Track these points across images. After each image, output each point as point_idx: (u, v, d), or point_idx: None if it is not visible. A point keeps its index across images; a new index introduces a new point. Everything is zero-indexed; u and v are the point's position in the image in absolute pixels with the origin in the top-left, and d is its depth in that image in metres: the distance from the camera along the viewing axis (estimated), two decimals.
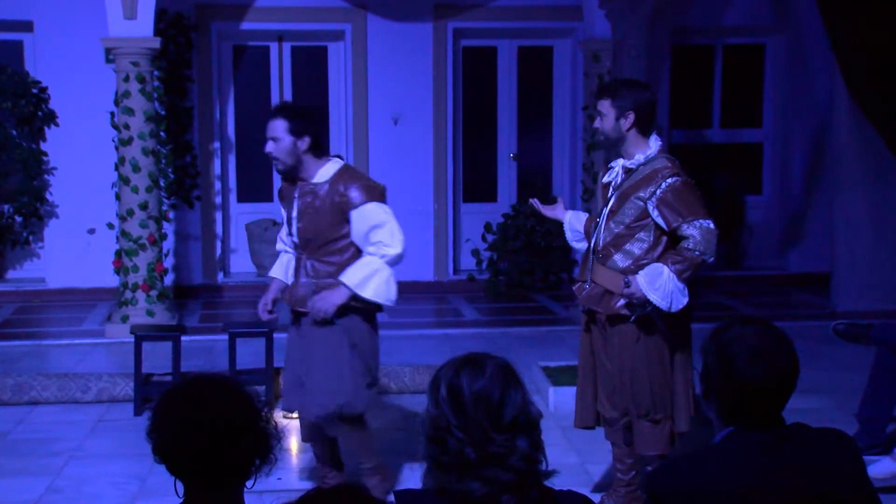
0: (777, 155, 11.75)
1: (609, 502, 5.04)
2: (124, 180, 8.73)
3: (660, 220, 4.61)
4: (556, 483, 2.36)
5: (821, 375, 7.16)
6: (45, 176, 10.62)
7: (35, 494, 5.32)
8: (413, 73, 11.05)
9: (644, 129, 4.75)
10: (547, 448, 2.29)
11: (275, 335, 7.01)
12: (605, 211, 4.80)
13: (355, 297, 4.85)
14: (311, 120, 4.91)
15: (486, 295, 10.89)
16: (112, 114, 9.32)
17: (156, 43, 8.68)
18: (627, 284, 4.59)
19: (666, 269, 4.56)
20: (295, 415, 6.55)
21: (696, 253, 4.57)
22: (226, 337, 6.97)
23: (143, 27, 8.61)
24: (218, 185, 11.11)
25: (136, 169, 8.66)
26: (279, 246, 5.21)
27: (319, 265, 4.88)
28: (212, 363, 7.79)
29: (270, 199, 11.43)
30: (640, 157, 4.71)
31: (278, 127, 4.77)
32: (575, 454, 5.88)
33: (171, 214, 10.24)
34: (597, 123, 4.84)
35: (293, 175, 4.87)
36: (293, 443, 6.21)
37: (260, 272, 11.12)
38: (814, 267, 11.11)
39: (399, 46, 11.02)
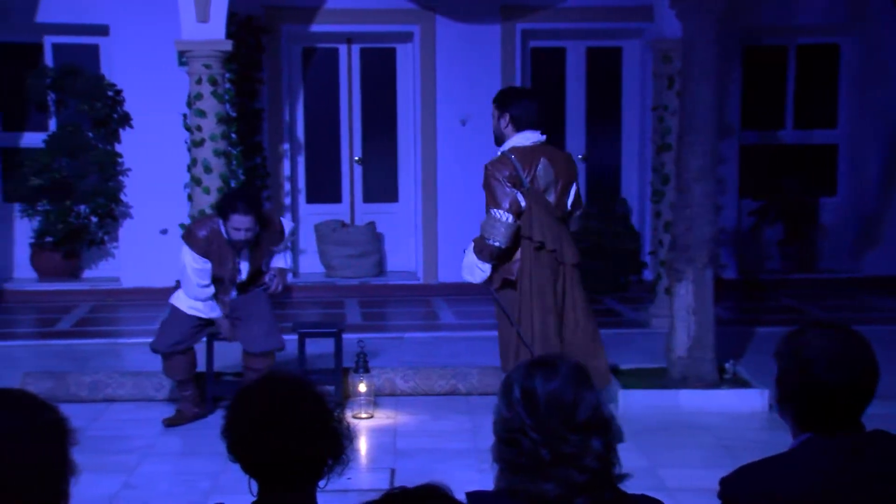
0: (852, 156, 11.55)
1: None
2: (196, 181, 8.83)
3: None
4: (627, 487, 2.35)
5: None
6: (120, 177, 10.82)
7: (111, 490, 5.43)
8: (481, 75, 11.04)
9: (516, 125, 5.76)
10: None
11: (344, 335, 7.06)
12: None
13: None
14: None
15: None
16: (184, 115, 9.45)
17: (227, 45, 8.78)
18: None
19: (470, 247, 5.69)
20: (364, 414, 6.65)
21: (485, 236, 5.60)
22: (295, 337, 7.03)
23: (215, 30, 8.72)
24: (287, 187, 11.23)
25: (207, 170, 8.77)
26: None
27: None
28: (280, 362, 7.86)
29: (339, 201, 11.53)
30: (498, 151, 5.81)
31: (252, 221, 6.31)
32: (645, 458, 5.84)
33: None
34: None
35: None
36: (363, 443, 6.25)
37: (329, 273, 11.22)
38: (889, 270, 10.90)
39: (467, 48, 11.03)
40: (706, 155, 6.85)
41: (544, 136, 5.85)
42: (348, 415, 6.59)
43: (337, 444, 2.40)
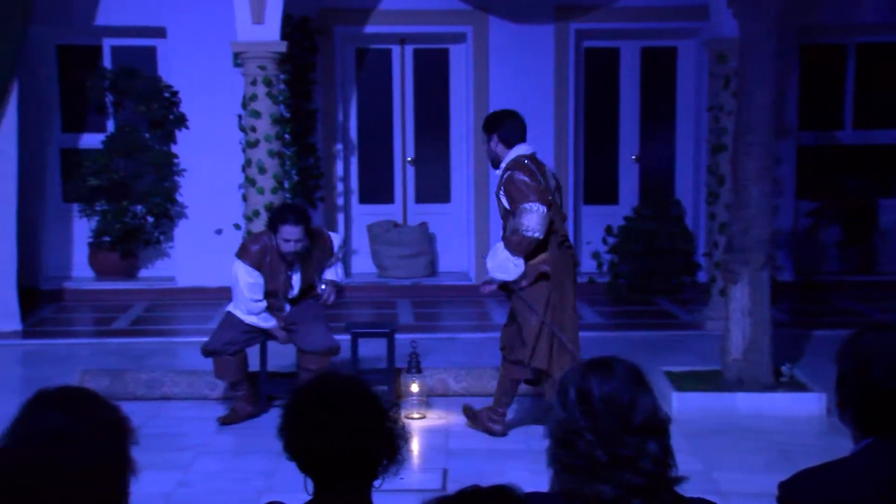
0: None
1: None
2: (250, 182, 8.91)
3: (506, 205, 5.97)
4: (682, 490, 2.32)
5: None
6: (176, 177, 10.94)
7: (167, 488, 5.49)
8: (534, 75, 11.02)
9: (508, 143, 6.13)
10: None
11: (396, 336, 7.07)
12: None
13: None
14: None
15: (606, 298, 10.80)
16: (239, 116, 9.54)
17: (282, 47, 8.85)
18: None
19: (500, 245, 5.95)
20: (416, 414, 6.66)
21: (521, 230, 5.84)
22: (348, 337, 7.05)
23: (270, 31, 8.79)
24: (340, 187, 11.29)
25: (261, 170, 8.84)
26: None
27: None
28: (333, 363, 7.90)
29: (392, 201, 11.56)
30: (502, 166, 6.11)
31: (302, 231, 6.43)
32: (700, 461, 5.78)
33: None
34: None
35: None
36: (415, 443, 6.26)
37: (381, 273, 11.26)
38: None
39: (520, 48, 11.01)
40: (763, 156, 6.78)
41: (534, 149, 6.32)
42: (403, 414, 6.61)
43: (392, 444, 2.40)
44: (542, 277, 6.01)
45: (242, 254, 6.57)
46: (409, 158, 11.53)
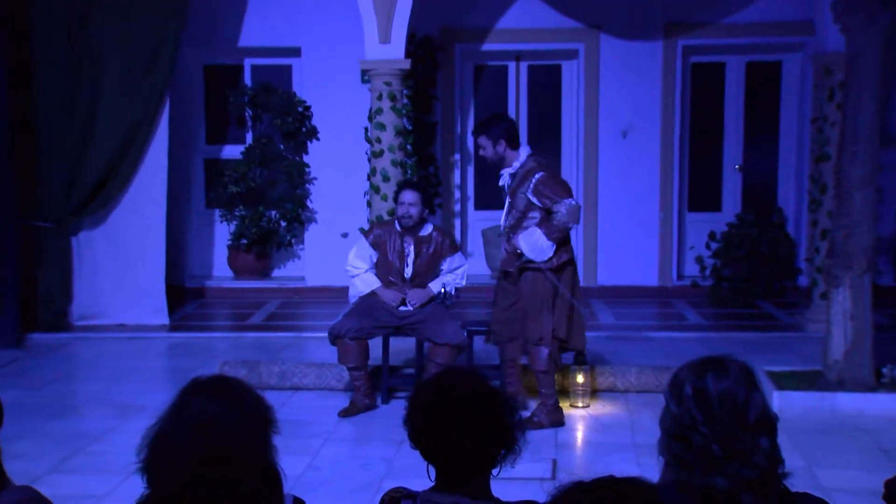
0: None
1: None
2: (375, 189, 8.99)
3: (537, 203, 6.14)
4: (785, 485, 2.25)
5: None
6: (307, 185, 11.13)
7: (298, 471, 5.57)
8: (642, 89, 10.88)
9: (512, 145, 6.28)
10: None
11: None
12: (506, 205, 6.37)
13: None
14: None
15: (709, 300, 10.58)
16: (366, 129, 9.64)
17: (406, 64, 8.91)
18: (510, 240, 6.27)
19: (538, 231, 6.14)
20: (580, 403, 6.71)
21: (562, 222, 6.11)
22: (464, 334, 7.05)
23: (395, 50, 8.86)
24: (457, 194, 11.31)
25: (385, 179, 8.91)
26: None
27: None
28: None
29: (503, 208, 11.53)
30: (516, 165, 6.28)
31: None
32: (800, 457, 5.61)
33: None
34: (481, 153, 6.39)
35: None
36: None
37: (494, 275, 11.23)
38: None
39: (630, 64, 10.88)
40: (867, 164, 6.55)
41: None
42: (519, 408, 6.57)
43: (510, 436, 2.39)
44: (568, 263, 6.32)
45: (367, 232, 7.04)
46: None
